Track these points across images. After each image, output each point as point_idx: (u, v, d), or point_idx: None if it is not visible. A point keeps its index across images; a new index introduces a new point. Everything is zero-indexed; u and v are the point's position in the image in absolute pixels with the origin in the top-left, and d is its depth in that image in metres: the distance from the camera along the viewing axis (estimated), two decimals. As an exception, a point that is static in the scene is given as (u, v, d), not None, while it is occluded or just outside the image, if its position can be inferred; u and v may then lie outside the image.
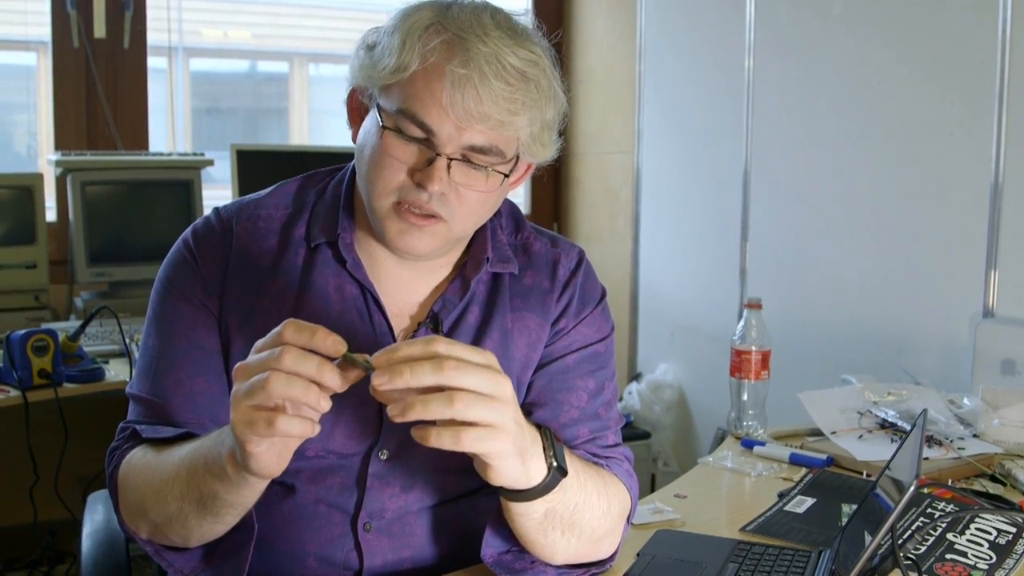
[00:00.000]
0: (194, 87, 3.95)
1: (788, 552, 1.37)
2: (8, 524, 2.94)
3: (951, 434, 1.89)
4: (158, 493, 1.15)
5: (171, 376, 1.26)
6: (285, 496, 1.27)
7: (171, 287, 1.28)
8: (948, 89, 2.51)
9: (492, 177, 1.20)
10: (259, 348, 1.00)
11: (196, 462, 1.10)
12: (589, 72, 3.82)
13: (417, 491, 1.28)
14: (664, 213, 3.52)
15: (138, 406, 1.28)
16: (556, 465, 1.10)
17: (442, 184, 1.17)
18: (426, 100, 1.15)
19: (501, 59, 1.14)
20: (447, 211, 1.19)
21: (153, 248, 3.01)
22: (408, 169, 1.18)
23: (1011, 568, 1.36)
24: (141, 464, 1.19)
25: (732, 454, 1.89)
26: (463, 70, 1.13)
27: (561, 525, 1.17)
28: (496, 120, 1.15)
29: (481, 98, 1.13)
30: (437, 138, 1.16)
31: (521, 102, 1.16)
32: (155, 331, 1.29)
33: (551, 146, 1.25)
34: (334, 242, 1.28)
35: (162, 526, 1.17)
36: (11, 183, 2.92)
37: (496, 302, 1.32)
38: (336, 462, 1.26)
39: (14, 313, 2.82)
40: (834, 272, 2.84)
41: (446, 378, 0.98)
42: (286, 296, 1.27)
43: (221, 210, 1.32)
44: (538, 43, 1.20)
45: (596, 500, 1.20)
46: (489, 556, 1.22)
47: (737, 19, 3.09)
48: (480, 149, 1.17)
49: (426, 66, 1.14)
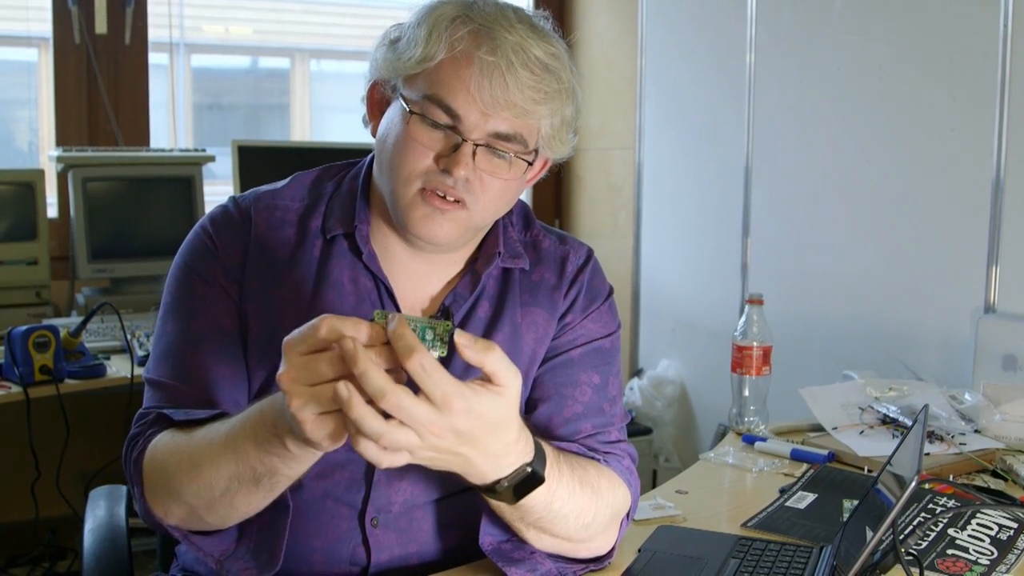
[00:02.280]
0: (195, 83, 3.95)
1: (789, 548, 1.37)
2: (10, 520, 2.95)
3: (952, 430, 1.89)
4: (199, 475, 1.12)
5: (195, 360, 1.24)
6: (292, 492, 1.27)
7: (191, 271, 1.28)
8: (950, 85, 2.50)
9: (515, 165, 1.23)
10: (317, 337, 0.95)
11: (243, 442, 1.07)
12: (591, 68, 3.81)
13: (423, 485, 1.29)
14: (666, 209, 3.52)
15: (157, 391, 1.26)
16: (508, 486, 1.08)
17: (468, 170, 1.19)
18: (454, 86, 1.17)
19: (527, 50, 1.17)
20: (471, 198, 1.21)
21: (154, 244, 3.03)
22: (434, 155, 1.20)
23: (1012, 563, 1.36)
24: (172, 447, 1.17)
25: (733, 450, 1.89)
26: (491, 57, 1.16)
27: (534, 526, 1.18)
28: (521, 108, 1.18)
29: (508, 85, 1.16)
30: (463, 124, 1.18)
31: (545, 92, 1.19)
32: (174, 316, 1.28)
33: (568, 143, 1.29)
34: (350, 234, 1.29)
35: (199, 508, 1.15)
36: (12, 179, 2.92)
37: (506, 297, 1.34)
38: (344, 456, 1.26)
39: (16, 309, 2.82)
40: (835, 268, 2.84)
41: (385, 404, 0.93)
42: (303, 288, 1.28)
43: (239, 199, 1.33)
44: (557, 41, 1.24)
45: (573, 517, 1.19)
46: (488, 544, 1.22)
47: (739, 15, 3.09)
48: (505, 136, 1.20)
49: (454, 54, 1.17)
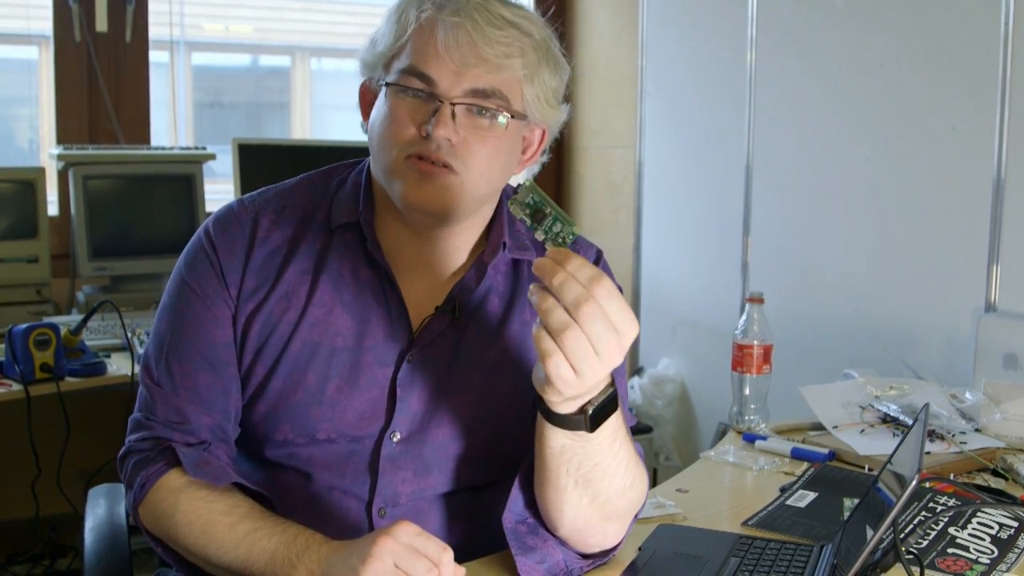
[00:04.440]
0: (196, 81, 3.95)
1: (790, 546, 1.37)
2: (10, 518, 2.94)
3: (953, 428, 1.88)
4: (204, 547, 1.19)
5: (180, 368, 1.28)
6: (301, 484, 1.29)
7: (185, 281, 1.31)
8: (950, 83, 2.50)
9: (498, 125, 1.23)
10: None
11: (255, 558, 1.15)
12: (591, 66, 3.81)
13: (431, 478, 1.30)
14: (666, 207, 3.52)
15: (148, 395, 1.30)
16: (588, 412, 1.10)
17: (447, 130, 1.20)
18: (424, 52, 1.21)
19: (490, 9, 1.21)
20: (459, 163, 1.22)
21: (155, 242, 3.03)
22: (416, 124, 1.21)
23: (1013, 562, 1.36)
24: (187, 507, 1.22)
25: (734, 448, 1.89)
26: (455, 18, 1.19)
27: (577, 474, 1.16)
28: (493, 63, 1.20)
29: (475, 41, 1.19)
30: (438, 86, 1.20)
31: (516, 46, 1.21)
32: (168, 318, 1.32)
33: (558, 108, 1.30)
34: (354, 224, 1.30)
35: (193, 558, 1.23)
36: (13, 177, 2.92)
37: (516, 294, 1.35)
38: (348, 446, 1.28)
39: (16, 307, 2.81)
40: (836, 266, 2.84)
41: (580, 316, 1.02)
42: (302, 280, 1.29)
43: (246, 200, 1.35)
44: (526, 8, 1.26)
45: (622, 472, 1.19)
46: (508, 521, 1.23)
47: (739, 13, 3.08)
48: (482, 92, 1.21)
49: (420, 22, 1.21)
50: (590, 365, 1.03)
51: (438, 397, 1.29)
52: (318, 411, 1.27)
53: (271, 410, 1.29)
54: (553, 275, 1.03)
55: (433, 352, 1.30)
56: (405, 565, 1.04)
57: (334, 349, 1.28)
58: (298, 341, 1.28)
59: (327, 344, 1.28)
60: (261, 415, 1.29)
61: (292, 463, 1.29)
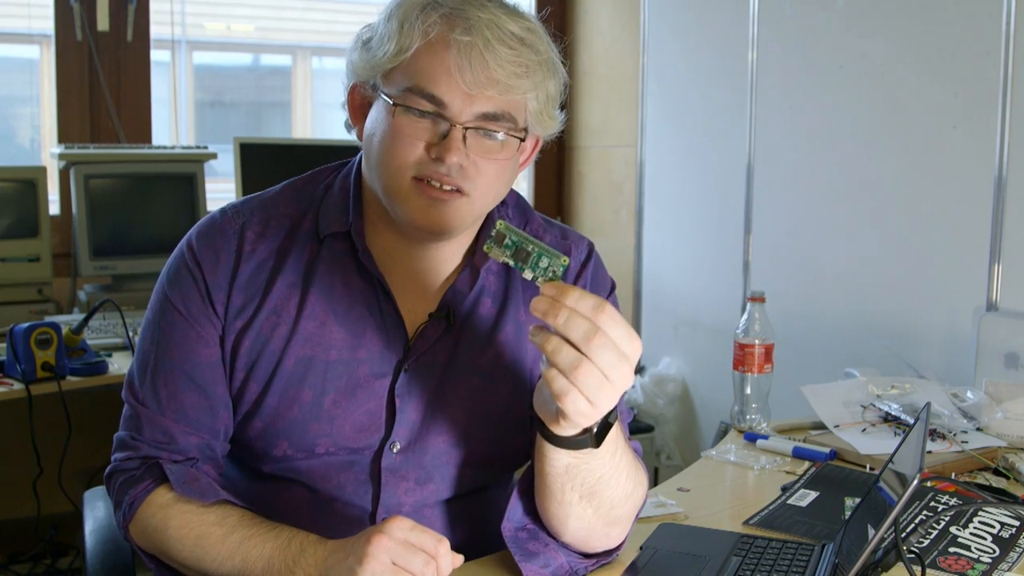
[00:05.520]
0: (197, 80, 3.95)
1: (791, 546, 1.37)
2: (12, 517, 2.95)
3: (954, 427, 1.88)
4: (198, 561, 1.18)
5: (166, 389, 1.26)
6: (302, 498, 1.27)
7: (168, 299, 1.28)
8: (952, 82, 2.50)
9: (508, 145, 1.21)
10: None
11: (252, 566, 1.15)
12: (592, 65, 3.81)
13: (432, 485, 1.29)
14: (667, 207, 3.52)
15: (133, 414, 1.28)
16: (593, 431, 1.10)
17: (459, 155, 1.17)
18: (434, 72, 1.16)
19: (501, 25, 1.16)
20: (469, 185, 1.19)
21: (156, 241, 3.03)
22: (423, 145, 1.18)
23: (1014, 561, 1.36)
24: (178, 523, 1.21)
25: (735, 447, 1.89)
26: (467, 37, 1.14)
27: (581, 489, 1.16)
28: (504, 84, 1.16)
29: (487, 63, 1.15)
30: (449, 109, 1.16)
31: (526, 65, 1.17)
32: (152, 336, 1.29)
33: (556, 119, 1.27)
34: (344, 233, 1.28)
35: (188, 572, 1.22)
36: (14, 176, 2.93)
37: (509, 295, 1.33)
38: (348, 458, 1.26)
39: (17, 306, 2.82)
40: (837, 265, 2.83)
41: (589, 350, 1.00)
42: (291, 293, 1.27)
43: (228, 209, 1.31)
44: (530, 16, 1.23)
45: (624, 480, 1.19)
46: (508, 530, 1.22)
47: (741, 12, 3.08)
48: (492, 116, 1.18)
49: (429, 40, 1.16)
50: (605, 394, 1.02)
51: (436, 404, 1.28)
52: (316, 426, 1.25)
53: (267, 426, 1.26)
54: (555, 315, 1.00)
55: (429, 359, 1.28)
56: (402, 561, 1.04)
57: (328, 363, 1.25)
58: (291, 356, 1.25)
59: (321, 358, 1.25)
60: (257, 431, 1.27)
61: (292, 476, 1.28)
